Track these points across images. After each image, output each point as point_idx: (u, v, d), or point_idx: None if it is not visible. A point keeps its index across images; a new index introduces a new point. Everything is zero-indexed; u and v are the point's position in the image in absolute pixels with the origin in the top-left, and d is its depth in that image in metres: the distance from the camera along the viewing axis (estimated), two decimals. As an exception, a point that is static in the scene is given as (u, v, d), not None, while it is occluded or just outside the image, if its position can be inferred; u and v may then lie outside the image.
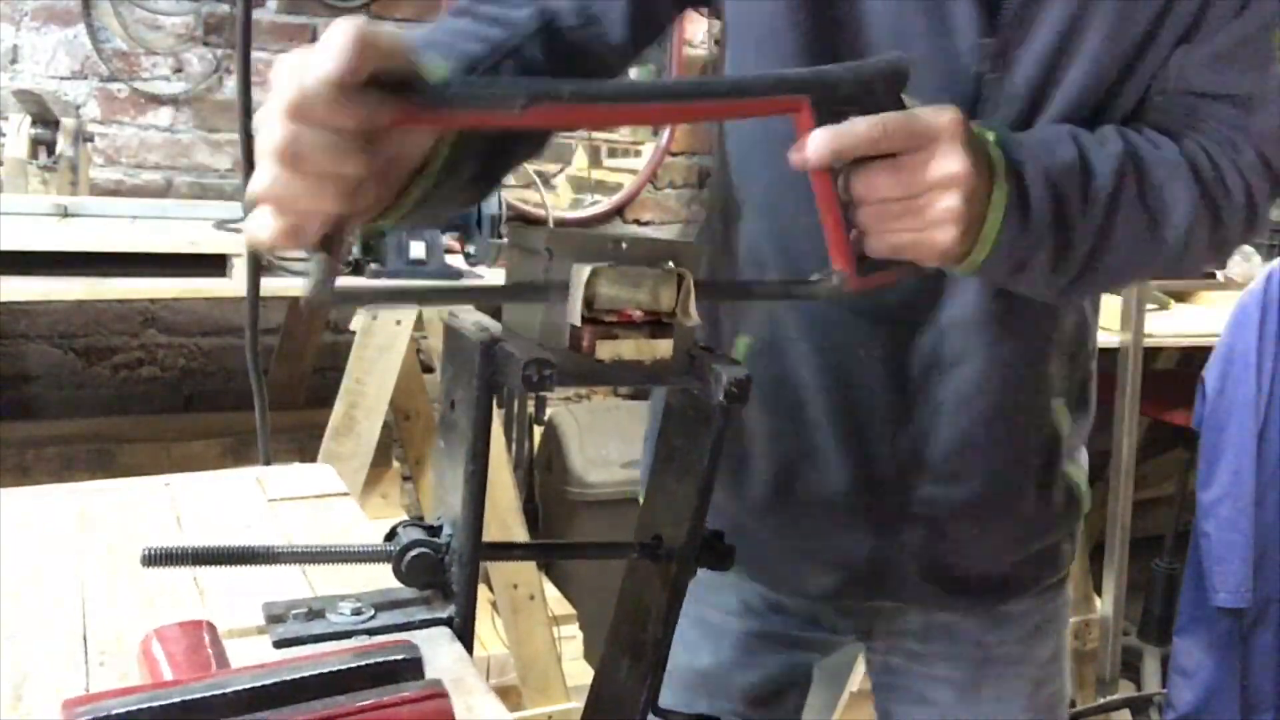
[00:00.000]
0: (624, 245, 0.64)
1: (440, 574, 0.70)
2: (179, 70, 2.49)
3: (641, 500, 1.04)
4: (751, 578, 0.98)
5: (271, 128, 0.52)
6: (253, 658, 0.59)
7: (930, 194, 0.64)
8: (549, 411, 2.67)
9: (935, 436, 0.87)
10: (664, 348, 0.64)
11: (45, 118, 2.04)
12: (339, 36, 0.51)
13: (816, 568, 0.93)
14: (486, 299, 0.66)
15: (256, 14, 2.42)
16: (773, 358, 0.89)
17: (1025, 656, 0.98)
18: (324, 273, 0.54)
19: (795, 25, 0.79)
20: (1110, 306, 2.25)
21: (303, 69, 0.51)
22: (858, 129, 0.62)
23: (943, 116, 0.64)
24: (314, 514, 0.92)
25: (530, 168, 2.71)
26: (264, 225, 0.54)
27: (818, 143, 0.62)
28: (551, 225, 2.70)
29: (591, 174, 2.99)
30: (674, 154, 2.98)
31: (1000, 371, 0.85)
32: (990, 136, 0.69)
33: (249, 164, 1.09)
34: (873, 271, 0.68)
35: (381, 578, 0.72)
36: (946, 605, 0.95)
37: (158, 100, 2.48)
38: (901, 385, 0.86)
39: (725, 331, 0.94)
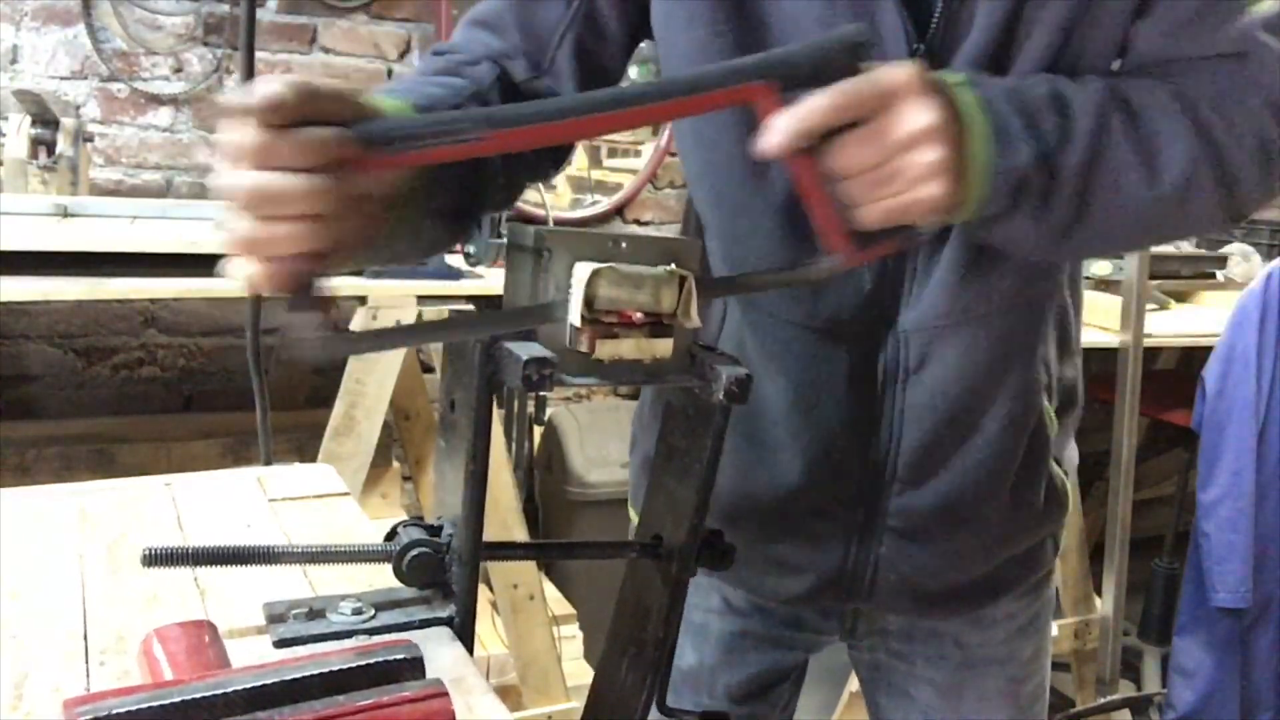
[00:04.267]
0: (623, 244, 0.64)
1: (441, 574, 0.70)
2: (179, 70, 2.49)
3: (630, 499, 1.04)
4: (728, 581, 0.98)
5: (232, 177, 0.53)
6: (253, 657, 0.59)
7: (908, 153, 0.63)
8: (549, 411, 2.68)
9: (901, 443, 0.86)
10: (664, 347, 0.64)
11: (45, 118, 2.04)
12: (268, 80, 0.53)
13: (788, 576, 0.93)
14: (479, 332, 0.65)
15: (257, 14, 2.42)
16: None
17: (1009, 656, 0.98)
18: (306, 325, 0.55)
19: (718, 52, 0.78)
20: (1110, 307, 2.25)
21: (241, 115, 0.53)
22: (817, 103, 0.61)
23: (899, 72, 0.63)
24: (314, 514, 0.92)
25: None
26: (246, 273, 0.55)
27: (780, 126, 0.61)
28: (551, 225, 2.69)
29: (591, 174, 2.99)
30: (674, 154, 2.98)
31: (963, 375, 0.83)
32: (956, 79, 0.67)
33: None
34: (870, 245, 0.67)
35: (382, 577, 0.72)
36: (924, 614, 0.95)
37: (158, 100, 2.48)
38: (866, 397, 0.85)
39: None
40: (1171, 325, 2.40)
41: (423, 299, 1.85)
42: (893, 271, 0.82)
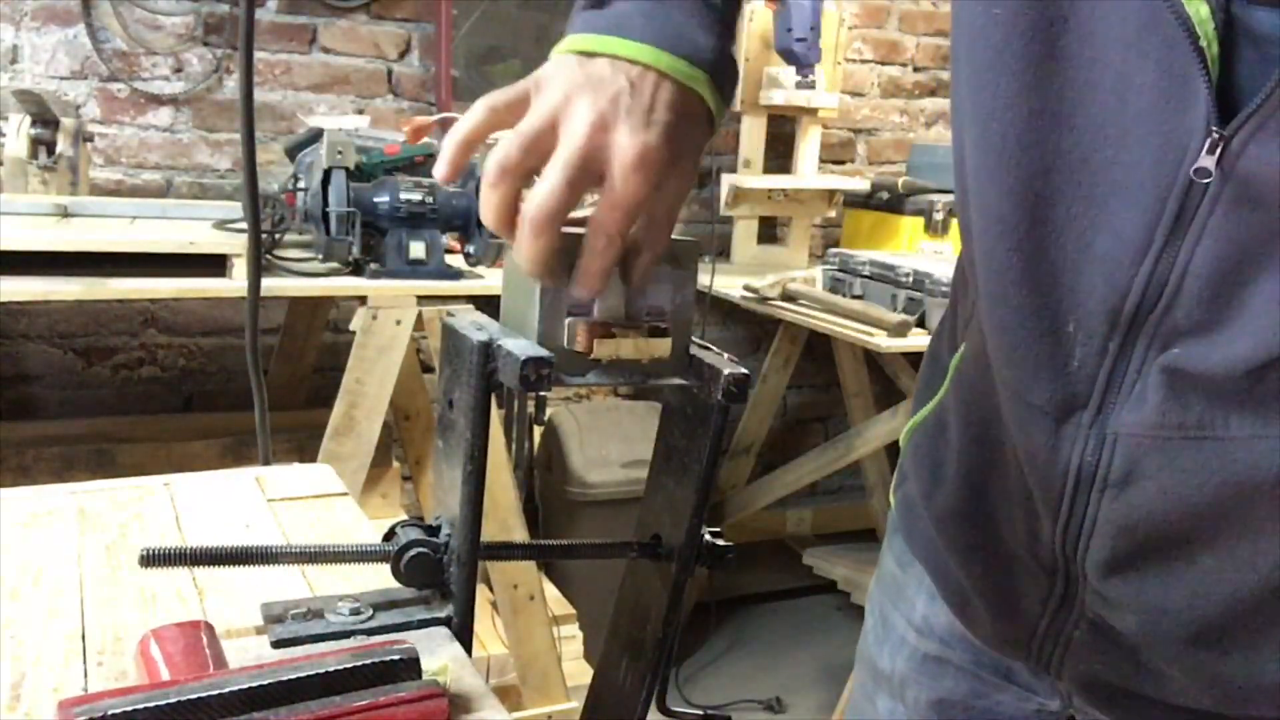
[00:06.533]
0: (622, 244, 0.63)
1: (439, 574, 0.70)
2: (179, 70, 2.50)
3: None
4: (937, 590, 0.87)
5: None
6: (251, 658, 0.59)
7: None
8: (549, 411, 2.68)
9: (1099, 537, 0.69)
10: (662, 346, 0.64)
11: (45, 118, 2.04)
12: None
13: (973, 617, 0.83)
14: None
15: (257, 14, 2.42)
16: (982, 369, 0.74)
17: None
18: None
19: (1018, 55, 0.61)
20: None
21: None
22: None
23: None
24: (313, 514, 0.92)
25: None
26: None
27: None
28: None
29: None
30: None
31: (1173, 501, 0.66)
32: None
33: (250, 163, 1.09)
34: None
35: (381, 578, 0.72)
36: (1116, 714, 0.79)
37: (158, 100, 2.48)
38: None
39: (946, 336, 0.84)
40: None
41: (423, 299, 1.85)
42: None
